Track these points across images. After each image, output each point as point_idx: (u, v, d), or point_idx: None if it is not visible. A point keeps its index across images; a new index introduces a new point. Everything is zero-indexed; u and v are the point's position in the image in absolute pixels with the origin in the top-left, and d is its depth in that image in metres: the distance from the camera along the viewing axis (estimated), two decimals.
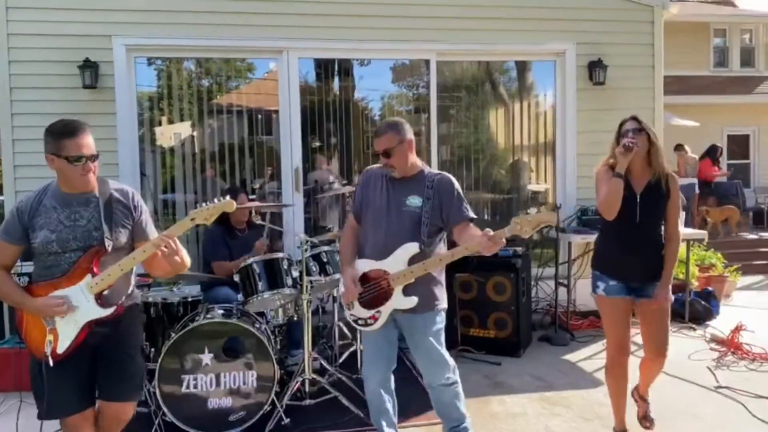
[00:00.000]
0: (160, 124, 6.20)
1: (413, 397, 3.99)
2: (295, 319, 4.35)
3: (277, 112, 5.90)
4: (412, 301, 3.02)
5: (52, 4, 5.27)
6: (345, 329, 5.05)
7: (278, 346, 4.31)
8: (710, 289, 6.49)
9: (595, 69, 6.01)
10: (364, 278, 3.10)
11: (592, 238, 5.63)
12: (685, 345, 5.28)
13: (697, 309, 6.06)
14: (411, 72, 6.59)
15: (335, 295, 4.64)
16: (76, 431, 2.77)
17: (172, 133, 6.35)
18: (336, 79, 6.70)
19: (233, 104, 6.43)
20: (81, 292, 2.62)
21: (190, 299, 4.19)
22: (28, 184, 5.24)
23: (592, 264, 3.48)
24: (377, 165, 3.24)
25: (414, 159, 3.15)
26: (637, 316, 3.44)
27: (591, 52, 6.06)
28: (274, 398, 3.75)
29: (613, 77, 6.09)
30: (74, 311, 2.61)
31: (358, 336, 4.48)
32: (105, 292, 2.65)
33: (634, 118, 3.33)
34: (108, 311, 2.64)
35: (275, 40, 5.60)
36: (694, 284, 6.61)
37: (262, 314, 4.29)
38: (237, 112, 6.37)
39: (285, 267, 4.04)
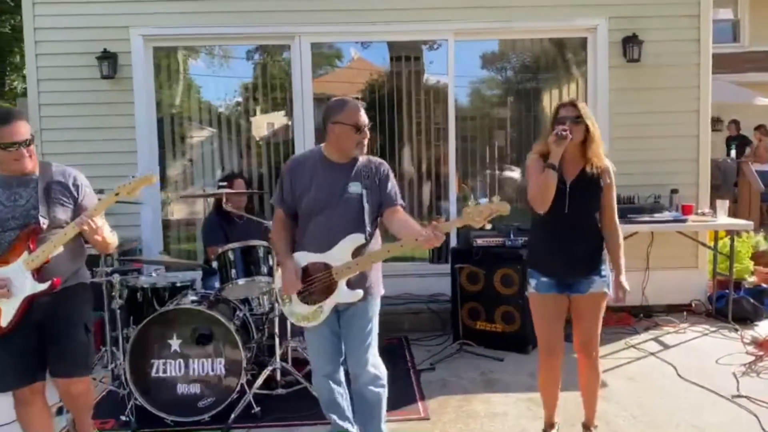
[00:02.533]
0: (254, 114, 6.36)
1: (403, 390, 3.99)
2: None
3: (357, 98, 5.86)
4: (358, 294, 2.88)
5: None
6: None
7: (265, 335, 4.28)
8: (766, 285, 5.86)
9: (629, 45, 5.53)
10: (304, 272, 2.95)
11: (625, 229, 5.25)
12: (716, 347, 4.78)
13: (744, 308, 5.48)
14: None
15: None
16: (26, 404, 2.89)
17: (265, 123, 6.48)
18: (402, 63, 6.39)
19: (316, 92, 6.36)
20: (19, 269, 2.73)
21: (179, 284, 4.24)
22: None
23: (527, 260, 3.25)
24: (302, 154, 3.15)
25: None
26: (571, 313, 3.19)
27: (625, 26, 5.58)
28: (245, 385, 3.73)
29: (651, 53, 5.58)
30: (14, 288, 2.71)
31: None
32: (43, 267, 2.74)
33: (572, 104, 3.03)
34: (44, 286, 2.74)
35: (286, 25, 5.55)
36: (750, 279, 6.00)
37: (246, 301, 4.28)
38: (318, 100, 6.21)
39: (261, 255, 3.99)
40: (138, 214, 5.59)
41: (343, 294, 2.89)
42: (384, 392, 3.06)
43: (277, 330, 3.93)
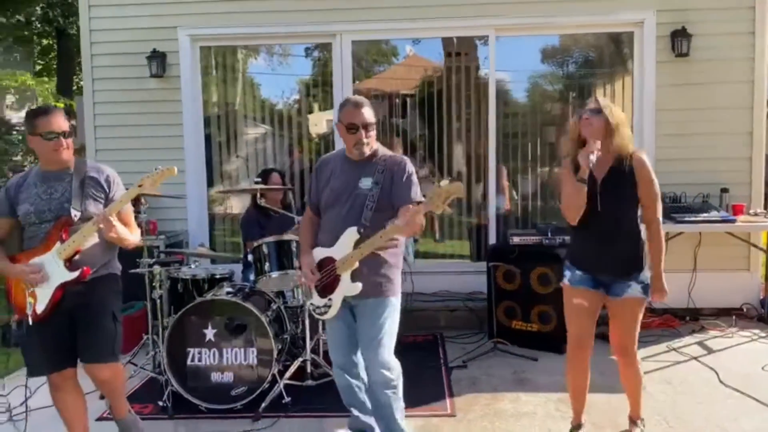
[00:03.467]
0: (311, 111, 6.50)
1: (433, 386, 4.05)
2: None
3: (412, 96, 6.05)
4: (356, 287, 2.92)
5: (125, 0, 5.70)
6: None
7: (299, 327, 4.37)
8: None
9: (677, 39, 5.35)
10: (319, 266, 3.04)
11: (668, 228, 5.09)
12: (764, 353, 4.58)
13: None
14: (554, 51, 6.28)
15: None
16: (59, 390, 3.05)
17: (324, 120, 6.64)
18: (461, 58, 6.34)
19: (375, 89, 6.51)
20: (53, 258, 2.89)
21: (218, 276, 4.38)
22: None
23: (566, 256, 3.22)
24: (330, 153, 3.19)
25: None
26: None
27: (674, 20, 5.39)
28: (276, 376, 3.83)
29: (700, 47, 5.37)
30: (49, 276, 2.87)
31: None
32: (76, 258, 2.89)
33: (596, 99, 3.00)
34: (75, 274, 2.88)
35: (327, 24, 5.63)
36: None
37: (281, 294, 4.38)
38: (375, 96, 6.38)
39: (294, 249, 4.07)
40: (185, 208, 5.79)
41: (346, 287, 2.95)
42: (394, 393, 3.06)
43: (307, 322, 4.00)
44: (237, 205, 6.50)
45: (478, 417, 3.68)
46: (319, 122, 6.74)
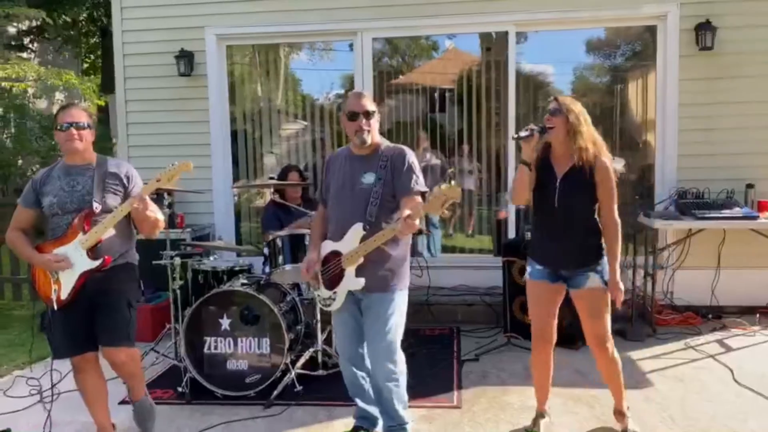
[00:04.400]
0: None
1: (442, 379, 4.16)
2: None
3: (451, 90, 6.19)
4: (360, 282, 3.01)
5: (154, 1, 5.92)
6: None
7: (315, 318, 4.48)
8: None
9: (701, 32, 5.26)
10: (325, 260, 3.14)
11: (687, 225, 5.05)
12: None
13: None
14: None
15: None
16: (81, 372, 3.25)
17: None
18: (491, 53, 6.36)
19: (413, 83, 6.60)
20: (75, 248, 3.07)
21: (237, 268, 4.54)
22: (140, 163, 5.98)
23: (528, 250, 3.31)
24: (339, 149, 3.28)
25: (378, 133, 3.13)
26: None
27: (698, 12, 5.30)
28: (289, 365, 3.96)
29: (725, 41, 5.28)
30: (72, 264, 3.06)
31: None
32: (97, 247, 3.08)
33: (555, 99, 3.05)
34: (97, 263, 3.07)
35: (348, 22, 5.73)
36: None
37: (297, 286, 4.51)
38: (413, 90, 6.48)
39: (308, 243, 4.18)
40: (211, 202, 5.99)
41: (350, 281, 3.03)
42: (396, 386, 3.13)
43: (318, 314, 4.12)
44: (264, 200, 6.68)
45: (483, 409, 3.74)
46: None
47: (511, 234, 5.87)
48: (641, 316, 5.27)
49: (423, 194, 3.01)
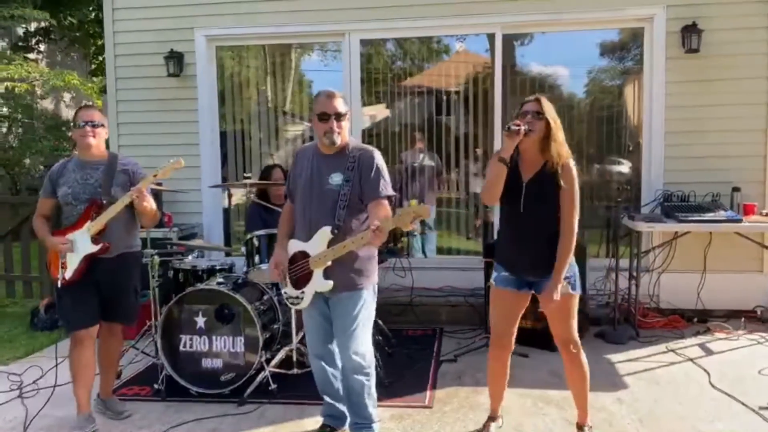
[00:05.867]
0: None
1: (418, 379, 4.21)
2: None
3: (457, 92, 6.27)
4: (328, 284, 3.03)
5: (145, 3, 5.98)
6: None
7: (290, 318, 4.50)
8: None
9: (687, 34, 5.24)
10: (292, 259, 3.16)
11: (670, 228, 5.03)
12: (766, 357, 4.47)
13: None
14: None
15: None
16: (81, 343, 3.46)
17: (367, 115, 6.83)
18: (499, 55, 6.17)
19: (422, 85, 6.57)
20: (83, 234, 3.42)
21: (218, 267, 4.58)
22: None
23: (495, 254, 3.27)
24: (307, 144, 3.28)
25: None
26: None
27: (684, 15, 5.28)
28: (264, 363, 3.99)
29: (712, 43, 5.25)
30: (77, 248, 3.41)
31: None
32: (104, 233, 3.41)
33: (537, 100, 2.97)
34: (97, 247, 3.41)
35: (336, 23, 5.75)
36: None
37: (276, 286, 4.53)
38: (419, 93, 6.47)
39: None
40: (200, 202, 6.04)
41: (318, 283, 3.05)
42: (367, 380, 3.15)
43: (293, 313, 4.14)
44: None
45: (454, 409, 3.75)
46: (359, 117, 6.80)
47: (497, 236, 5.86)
48: (626, 320, 5.26)
49: (390, 198, 3.03)
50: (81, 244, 3.41)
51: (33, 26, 14.51)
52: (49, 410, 3.71)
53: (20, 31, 14.50)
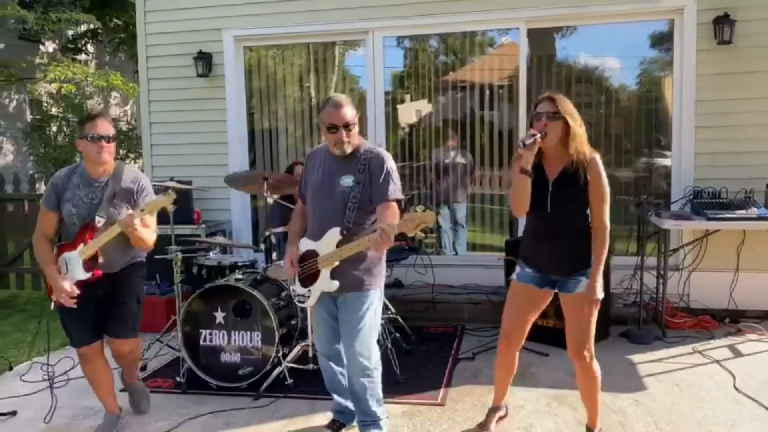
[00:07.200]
0: (402, 101, 6.69)
1: (433, 376, 4.19)
2: None
3: (501, 87, 6.21)
4: (334, 285, 3.06)
5: (175, 5, 6.12)
6: None
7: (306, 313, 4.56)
8: None
9: (719, 25, 5.06)
10: (302, 258, 3.21)
11: (697, 225, 4.89)
12: None
13: None
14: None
15: None
16: (87, 360, 3.46)
17: (413, 110, 6.90)
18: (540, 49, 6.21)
19: (466, 80, 6.52)
20: (76, 258, 3.27)
21: (240, 263, 4.67)
22: (163, 161, 6.29)
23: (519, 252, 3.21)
24: (320, 145, 3.30)
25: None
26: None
27: (716, 5, 5.11)
28: (281, 358, 4.06)
29: (745, 34, 5.07)
30: (71, 270, 3.27)
31: None
32: (98, 258, 3.26)
33: (550, 99, 2.88)
34: (87, 275, 3.26)
35: (359, 21, 5.78)
36: None
37: None
38: (461, 88, 6.46)
39: None
40: (228, 199, 6.16)
41: (325, 282, 3.09)
42: (370, 382, 3.18)
43: (309, 310, 4.19)
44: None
45: (465, 408, 3.74)
46: (408, 112, 6.84)
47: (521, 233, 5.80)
48: (654, 319, 5.14)
49: (399, 201, 3.05)
50: (73, 267, 3.26)
51: (83, 28, 15.01)
52: (77, 400, 3.87)
53: (69, 33, 15.04)
